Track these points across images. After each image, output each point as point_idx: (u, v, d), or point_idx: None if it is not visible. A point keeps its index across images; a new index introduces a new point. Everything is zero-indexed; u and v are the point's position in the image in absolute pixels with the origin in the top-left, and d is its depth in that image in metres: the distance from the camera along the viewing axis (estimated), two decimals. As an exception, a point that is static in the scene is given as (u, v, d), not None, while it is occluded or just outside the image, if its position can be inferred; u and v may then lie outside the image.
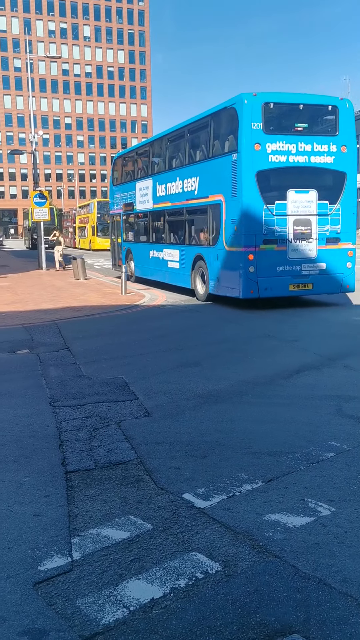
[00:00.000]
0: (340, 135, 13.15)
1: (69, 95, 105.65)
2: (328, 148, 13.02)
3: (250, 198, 12.56)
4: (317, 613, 2.79)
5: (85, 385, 7.08)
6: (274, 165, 12.66)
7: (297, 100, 13.33)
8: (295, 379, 7.16)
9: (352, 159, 13.29)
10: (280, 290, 13.01)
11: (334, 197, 13.17)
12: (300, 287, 13.17)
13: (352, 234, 13.48)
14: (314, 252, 13.09)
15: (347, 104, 13.15)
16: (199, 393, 6.59)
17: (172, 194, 16.53)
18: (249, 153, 12.47)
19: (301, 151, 12.81)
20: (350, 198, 13.33)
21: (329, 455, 4.71)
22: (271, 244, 12.73)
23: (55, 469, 4.56)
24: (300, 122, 13.27)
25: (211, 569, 3.16)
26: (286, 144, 12.72)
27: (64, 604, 2.89)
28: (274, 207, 12.68)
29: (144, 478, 4.36)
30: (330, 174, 13.22)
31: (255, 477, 4.31)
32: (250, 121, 12.43)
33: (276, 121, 13.11)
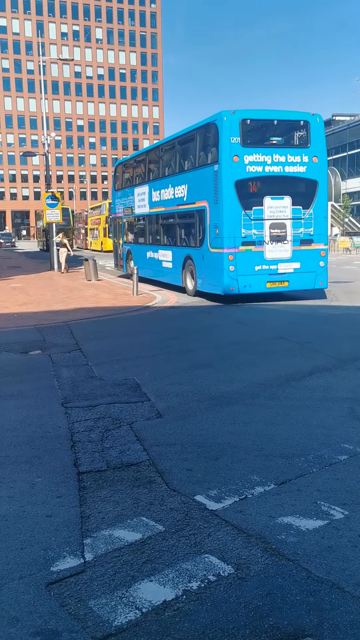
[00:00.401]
0: (311, 147, 14.53)
1: (81, 97, 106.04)
2: (301, 159, 14.41)
3: (230, 204, 13.96)
4: (330, 617, 2.77)
5: (97, 386, 7.10)
6: (251, 175, 14.07)
7: (271, 117, 15.05)
8: (308, 380, 7.12)
9: (322, 168, 14.71)
10: (258, 287, 14.38)
11: (307, 202, 14.53)
12: (277, 285, 14.58)
13: (324, 236, 14.92)
14: (288, 253, 14.44)
15: (318, 119, 14.72)
16: (210, 395, 6.58)
17: (165, 200, 18.05)
18: (228, 164, 13.88)
19: (276, 162, 14.22)
20: (321, 203, 14.74)
21: (342, 458, 4.68)
22: (249, 245, 14.12)
23: (68, 470, 4.57)
24: (274, 135, 14.85)
25: (223, 572, 3.15)
26: (262, 155, 14.11)
27: (76, 605, 2.90)
28: (251, 212, 14.09)
29: (155, 479, 4.36)
30: (303, 182, 14.57)
31: (267, 480, 4.30)
32: (229, 136, 13.85)
33: (253, 135, 14.49)
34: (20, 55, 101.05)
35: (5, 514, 3.86)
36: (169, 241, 18.27)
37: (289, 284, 14.61)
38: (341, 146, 64.27)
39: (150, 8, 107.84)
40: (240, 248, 14.05)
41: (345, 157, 63.28)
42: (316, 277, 14.72)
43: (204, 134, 15.38)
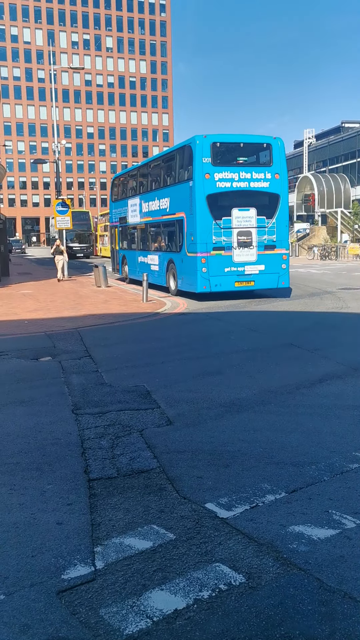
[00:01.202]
0: (274, 166, 16.76)
1: (92, 105, 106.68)
2: (264, 176, 16.63)
3: (203, 215, 16.17)
4: (342, 627, 2.75)
5: (107, 393, 7.10)
6: (221, 190, 16.27)
7: (238, 140, 17.37)
8: (319, 388, 7.09)
9: (284, 184, 16.93)
10: (228, 286, 16.56)
11: (270, 213, 16.76)
12: (244, 284, 16.75)
13: (286, 242, 17.13)
14: (254, 257, 16.68)
15: (279, 142, 16.93)
16: (221, 402, 6.56)
17: (152, 211, 20.42)
18: (201, 181, 16.11)
19: (242, 178, 16.41)
20: (283, 214, 16.92)
21: (354, 467, 4.66)
22: (220, 250, 16.38)
23: (78, 477, 4.57)
24: (241, 156, 17.17)
25: (235, 581, 3.13)
26: (230, 173, 16.32)
27: (87, 613, 2.89)
28: (221, 222, 16.30)
29: (166, 487, 4.35)
30: (267, 196, 16.75)
31: (278, 488, 4.28)
32: (202, 157, 16.06)
33: (222, 156, 16.67)
34: (32, 64, 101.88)
35: (16, 521, 3.86)
36: (155, 247, 20.51)
37: (254, 284, 16.82)
38: (350, 153, 64.14)
39: (160, 17, 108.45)
40: (211, 252, 16.31)
41: (355, 164, 63.13)
42: (279, 277, 16.99)
43: (182, 155, 17.64)
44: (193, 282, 16.57)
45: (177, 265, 18.01)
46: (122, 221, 24.70)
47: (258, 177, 16.57)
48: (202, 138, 16.20)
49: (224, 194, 16.30)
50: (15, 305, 16.83)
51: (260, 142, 17.39)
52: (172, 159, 18.89)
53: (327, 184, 58.70)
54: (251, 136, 17.74)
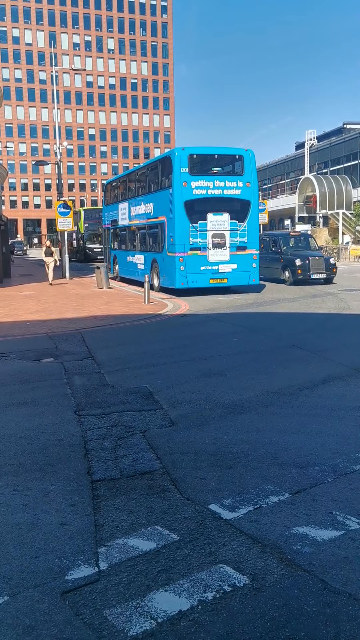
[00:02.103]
0: (245, 175, 18.57)
1: (93, 106, 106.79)
2: (236, 184, 18.40)
3: (181, 219, 17.93)
4: (347, 629, 2.74)
5: (110, 394, 7.10)
6: (197, 197, 18.04)
7: (213, 152, 19.26)
8: (322, 389, 7.08)
9: (254, 191, 18.80)
10: (204, 283, 18.37)
11: (242, 217, 18.53)
12: (218, 281, 18.53)
13: (256, 243, 19.02)
14: (227, 257, 18.44)
15: (250, 153, 18.68)
16: (223, 403, 6.56)
17: (139, 214, 22.13)
18: (179, 189, 17.87)
19: (217, 186, 18.21)
20: (254, 218, 18.81)
21: (357, 468, 4.65)
22: (196, 250, 18.14)
23: (81, 478, 4.57)
24: (215, 166, 19.03)
25: (239, 582, 3.13)
26: (206, 181, 18.11)
27: (91, 614, 2.89)
28: (197, 225, 18.07)
29: (169, 488, 4.35)
30: (239, 202, 18.50)
31: (282, 489, 4.27)
32: (180, 167, 17.80)
33: (198, 166, 18.53)
34: (33, 66, 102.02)
35: (20, 522, 3.86)
36: (141, 248, 22.22)
37: (228, 281, 18.63)
38: (352, 154, 64.14)
39: (161, 18, 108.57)
40: (188, 253, 18.06)
41: (357, 165, 63.12)
42: (250, 275, 18.80)
43: (163, 165, 19.46)
44: (172, 279, 18.35)
45: (160, 264, 19.74)
46: (114, 223, 26.55)
47: (231, 185, 18.40)
48: (180, 150, 18.16)
49: (200, 200, 18.09)
50: (17, 306, 16.84)
51: (233, 154, 19.30)
52: (155, 168, 20.72)
53: (329, 186, 58.67)
54: (225, 148, 19.80)
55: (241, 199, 18.45)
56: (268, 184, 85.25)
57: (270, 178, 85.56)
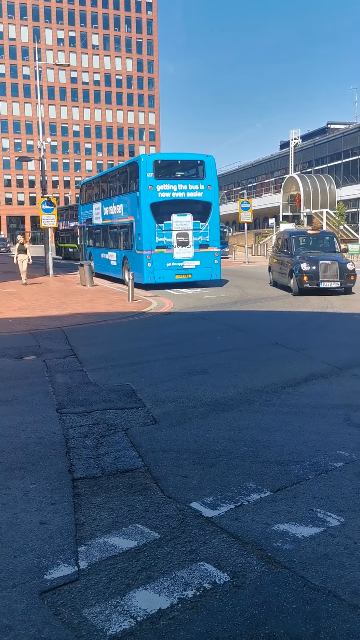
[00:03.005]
0: (206, 179, 20.14)
1: (77, 102, 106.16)
2: (198, 187, 19.98)
3: (147, 220, 19.42)
4: (327, 625, 2.75)
5: (92, 392, 7.06)
6: (162, 199, 19.49)
7: (176, 158, 21.08)
8: (304, 387, 7.11)
9: (215, 194, 20.37)
10: (169, 278, 19.74)
11: (204, 218, 20.06)
12: (183, 276, 19.99)
13: (217, 241, 20.51)
14: (191, 254, 19.91)
15: (211, 159, 20.23)
16: (206, 401, 6.55)
17: (111, 214, 23.62)
18: (145, 192, 19.37)
19: (180, 189, 19.74)
20: (215, 218, 20.31)
21: (338, 465, 4.67)
22: (162, 248, 19.53)
23: (62, 477, 4.53)
24: (179, 171, 20.58)
25: (219, 580, 3.12)
26: (170, 185, 19.60)
27: (70, 613, 2.86)
28: (163, 225, 19.51)
29: (151, 486, 4.33)
30: (201, 204, 20.06)
31: (263, 487, 4.28)
32: (146, 172, 19.33)
33: (163, 171, 19.89)
34: (17, 61, 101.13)
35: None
36: (114, 245, 23.71)
37: (192, 276, 20.09)
38: (336, 154, 64.53)
39: (146, 15, 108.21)
40: (155, 250, 19.49)
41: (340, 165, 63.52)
42: (212, 270, 20.30)
43: (131, 169, 20.90)
44: (141, 275, 19.50)
45: (130, 260, 21.14)
46: (89, 222, 28.06)
47: (193, 189, 19.94)
48: (146, 156, 20.04)
49: (164, 202, 19.56)
50: (0, 303, 16.69)
51: (195, 159, 20.86)
52: (124, 172, 22.20)
53: (313, 185, 58.97)
54: (187, 154, 21.31)
55: (203, 201, 20.03)
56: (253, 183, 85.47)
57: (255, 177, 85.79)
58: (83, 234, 30.01)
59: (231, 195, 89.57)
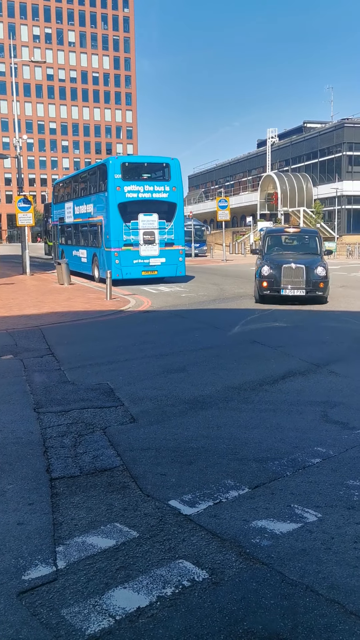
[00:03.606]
0: (171, 181, 21.26)
1: (54, 100, 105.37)
2: (164, 188, 21.08)
3: (115, 219, 20.51)
4: (304, 620, 2.78)
5: (70, 391, 7.02)
6: (129, 199, 20.59)
7: (143, 160, 22.83)
8: (282, 384, 7.16)
9: (179, 195, 21.53)
10: (136, 274, 20.87)
11: (169, 217, 21.18)
12: (149, 273, 21.05)
13: (182, 240, 21.75)
14: (157, 251, 21.02)
15: (176, 162, 21.32)
16: (185, 399, 6.56)
17: (82, 213, 24.72)
18: (113, 193, 20.49)
19: (147, 190, 20.85)
20: (179, 218, 21.45)
21: (315, 461, 4.71)
22: (129, 246, 20.66)
23: (40, 476, 4.50)
24: (145, 173, 21.63)
25: (198, 577, 3.13)
26: (137, 186, 20.74)
27: (48, 614, 2.85)
28: (130, 224, 20.62)
29: (129, 485, 4.32)
30: (166, 204, 21.14)
31: (241, 484, 4.30)
32: (114, 173, 20.45)
33: (130, 173, 21.04)
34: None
35: (-24, 522, 3.77)
36: (84, 243, 24.92)
37: (158, 273, 21.15)
38: (312, 153, 65.07)
39: (123, 12, 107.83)
40: (122, 248, 20.61)
41: (317, 164, 64.06)
42: (177, 267, 21.49)
43: (100, 171, 22.02)
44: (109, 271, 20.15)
45: (99, 257, 22.43)
46: (61, 221, 28.99)
47: (159, 190, 21.02)
48: (114, 159, 21.02)
49: (131, 203, 20.66)
50: (-24, 302, 16.48)
51: (161, 162, 21.94)
52: (94, 174, 23.32)
53: (290, 183, 59.39)
54: (153, 157, 22.55)
55: (168, 202, 21.15)
56: (231, 181, 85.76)
57: (232, 175, 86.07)
58: (55, 232, 30.98)
59: (209, 193, 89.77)
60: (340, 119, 62.67)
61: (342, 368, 8.02)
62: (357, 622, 2.76)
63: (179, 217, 21.34)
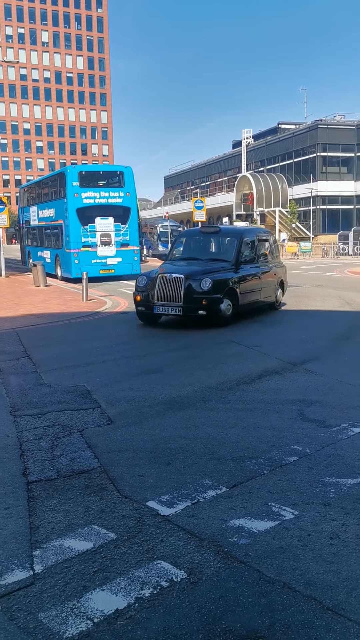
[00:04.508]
0: (125, 187, 23.37)
1: (27, 100, 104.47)
2: (118, 194, 23.17)
3: (74, 223, 22.50)
4: (282, 617, 2.80)
5: (47, 393, 6.97)
6: (87, 204, 22.55)
7: (98, 169, 27.54)
8: (258, 384, 7.20)
9: (133, 200, 23.63)
10: (95, 273, 22.35)
11: (124, 220, 23.26)
12: (107, 271, 23.06)
13: (136, 241, 23.95)
14: (113, 252, 23.09)
15: (129, 169, 23.46)
16: (162, 400, 6.56)
17: (45, 217, 26.64)
18: (72, 199, 22.47)
19: (102, 196, 22.95)
20: (134, 221, 23.62)
21: (292, 460, 4.75)
22: (88, 247, 22.68)
23: (16, 480, 4.46)
24: (101, 180, 24.04)
25: (176, 577, 3.13)
26: (93, 192, 22.77)
27: (25, 618, 2.82)
28: (88, 227, 22.58)
29: (107, 487, 4.31)
30: (121, 208, 23.21)
31: (219, 483, 4.31)
32: (72, 181, 22.49)
33: (87, 180, 22.98)
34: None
35: None
36: (48, 244, 26.79)
37: (114, 271, 23.19)
38: (287, 154, 65.57)
39: (96, 13, 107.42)
40: (81, 249, 22.58)
41: (292, 164, 64.58)
42: (132, 266, 23.49)
43: (60, 179, 24.03)
44: (70, 270, 22.65)
45: (61, 258, 24.26)
46: (27, 224, 30.85)
47: (114, 195, 23.08)
48: (72, 168, 23.39)
49: (89, 207, 22.57)
50: None
51: (115, 170, 24.65)
52: (55, 181, 25.22)
53: (265, 184, 59.77)
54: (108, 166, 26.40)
55: (123, 206, 23.22)
56: (206, 182, 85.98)
57: (208, 176, 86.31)
58: (22, 234, 33.07)
59: (185, 194, 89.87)
60: (314, 120, 63.29)
61: (318, 366, 8.09)
62: (333, 617, 2.79)
63: (133, 220, 23.49)
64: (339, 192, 60.82)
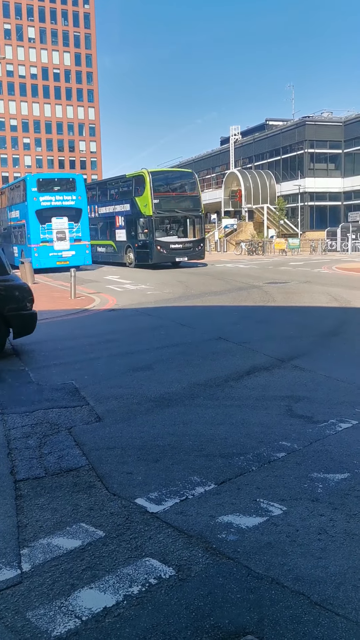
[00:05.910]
0: (77, 191, 28.09)
1: (14, 96, 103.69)
2: (71, 197, 27.85)
3: (33, 223, 27.19)
4: (270, 613, 2.80)
5: (35, 391, 6.94)
6: (44, 207, 27.27)
7: (54, 176, 33.11)
8: (247, 380, 7.21)
9: (84, 202, 28.39)
10: (52, 264, 27.27)
11: (77, 220, 27.90)
12: (62, 263, 27.28)
13: (87, 237, 28.47)
14: (68, 246, 27.78)
15: (80, 177, 29.09)
16: (150, 397, 6.55)
17: (12, 217, 31.32)
18: (31, 202, 27.12)
19: (58, 199, 27.59)
20: (85, 220, 28.28)
21: (280, 455, 4.76)
22: (45, 243, 27.36)
23: (4, 479, 4.44)
24: (57, 186, 28.30)
25: (165, 574, 3.13)
26: (50, 196, 27.48)
27: (13, 617, 2.81)
28: (45, 226, 27.30)
29: (95, 484, 4.30)
30: (74, 210, 27.85)
31: (207, 480, 4.31)
32: (31, 187, 27.15)
33: (44, 186, 27.63)
34: None
35: None
36: (15, 241, 31.23)
37: (69, 263, 26.80)
38: (275, 150, 65.63)
39: (83, 8, 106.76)
40: (40, 244, 27.23)
41: (280, 161, 64.66)
42: (84, 257, 28.41)
43: (21, 184, 28.57)
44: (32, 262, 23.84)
45: (25, 252, 28.05)
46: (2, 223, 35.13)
47: (67, 199, 27.71)
48: (30, 176, 28.18)
49: (46, 209, 27.27)
50: None
51: (68, 177, 31.29)
52: (18, 187, 29.74)
53: (254, 180, 59.83)
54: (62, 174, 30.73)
55: (75, 207, 27.80)
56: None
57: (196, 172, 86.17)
58: None
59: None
60: (301, 116, 63.39)
61: (306, 362, 8.12)
62: (321, 612, 2.80)
63: (84, 219, 28.16)
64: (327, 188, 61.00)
